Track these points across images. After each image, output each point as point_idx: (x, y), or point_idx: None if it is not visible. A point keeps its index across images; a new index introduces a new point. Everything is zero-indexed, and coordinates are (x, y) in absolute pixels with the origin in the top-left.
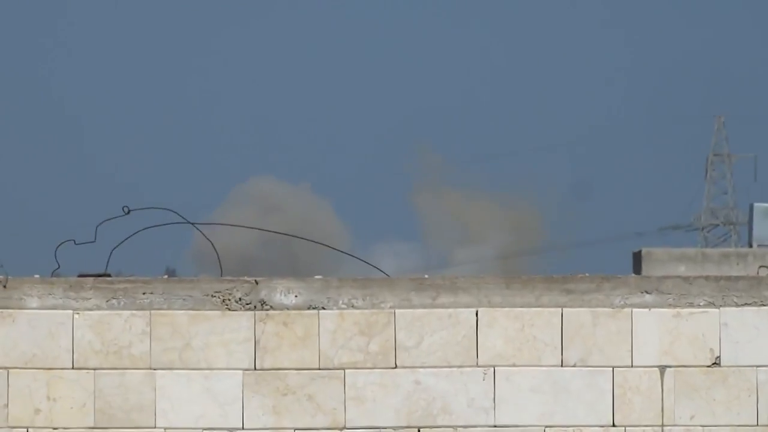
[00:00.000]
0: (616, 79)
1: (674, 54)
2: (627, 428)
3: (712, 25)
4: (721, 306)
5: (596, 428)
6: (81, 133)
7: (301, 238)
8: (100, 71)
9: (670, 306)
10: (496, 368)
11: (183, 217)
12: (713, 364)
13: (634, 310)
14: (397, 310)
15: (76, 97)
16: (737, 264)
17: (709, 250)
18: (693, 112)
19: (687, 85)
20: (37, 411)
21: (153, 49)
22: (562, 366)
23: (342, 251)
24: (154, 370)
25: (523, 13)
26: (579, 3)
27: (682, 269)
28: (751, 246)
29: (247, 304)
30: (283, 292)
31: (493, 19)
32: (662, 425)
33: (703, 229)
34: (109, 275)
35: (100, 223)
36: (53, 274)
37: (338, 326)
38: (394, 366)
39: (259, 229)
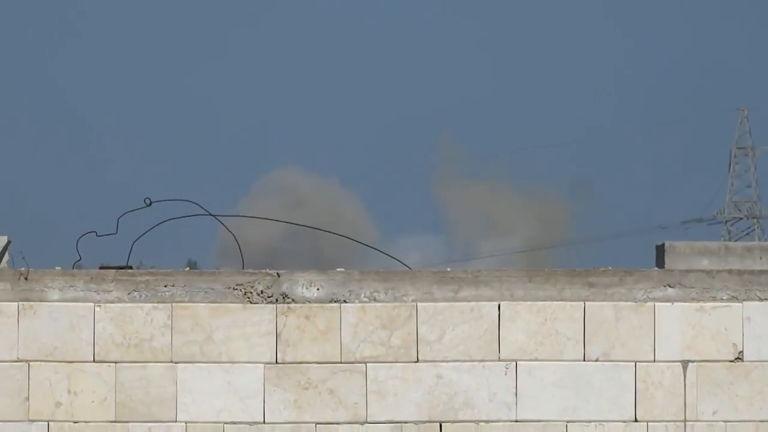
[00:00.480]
0: (639, 71)
1: (698, 46)
2: (649, 423)
3: (736, 17)
4: (744, 300)
5: (618, 423)
6: (103, 125)
7: (324, 231)
8: (121, 62)
9: (692, 300)
10: (518, 362)
11: (205, 209)
12: (736, 359)
13: (657, 304)
14: (419, 304)
15: (97, 91)
16: (760, 258)
17: (732, 244)
18: (716, 104)
19: (711, 78)
20: (58, 404)
21: (174, 38)
22: (584, 360)
23: (364, 243)
24: (176, 363)
25: (546, 2)
26: None
27: (705, 263)
28: None
29: (269, 297)
30: (305, 285)
31: (515, 11)
32: (685, 420)
33: (726, 222)
34: (130, 267)
35: (122, 215)
36: (75, 266)
37: (360, 320)
38: (416, 360)
39: (278, 220)
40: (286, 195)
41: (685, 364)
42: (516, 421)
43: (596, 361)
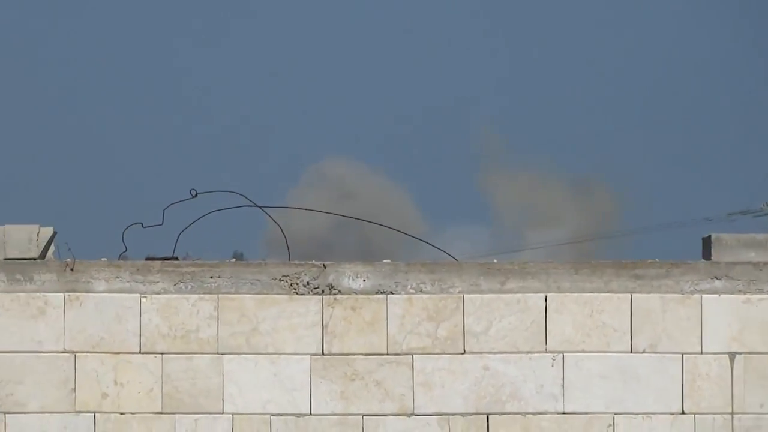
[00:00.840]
0: (682, 62)
1: (743, 36)
2: (696, 415)
3: None
4: None
5: (665, 415)
6: (149, 115)
7: (370, 222)
8: (165, 53)
9: (739, 292)
10: (564, 354)
11: (251, 201)
12: None
13: (704, 296)
14: (465, 295)
15: (141, 82)
16: None
17: None
18: (763, 94)
19: (757, 67)
20: (105, 395)
21: (218, 30)
22: (631, 352)
23: (409, 234)
24: (222, 354)
25: None
26: None
27: (751, 255)
28: None
29: (315, 288)
30: (351, 277)
31: None
32: (732, 413)
33: None
34: (176, 259)
35: (168, 206)
36: (120, 257)
37: (406, 311)
38: (462, 351)
39: (324, 212)
40: (333, 186)
41: (732, 356)
42: (563, 413)
43: (643, 353)
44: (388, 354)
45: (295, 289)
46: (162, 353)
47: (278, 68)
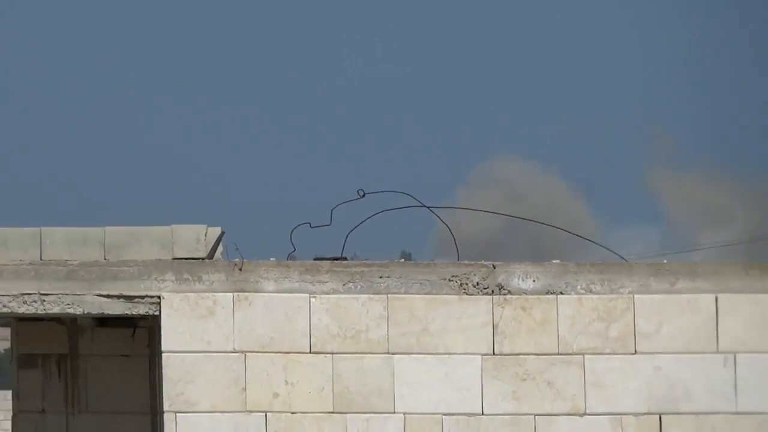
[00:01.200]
0: None
1: None
2: None
3: None
4: None
5: None
6: (317, 113)
7: (538, 222)
8: (332, 49)
9: None
10: (737, 355)
11: (419, 201)
12: None
13: None
14: (635, 296)
15: (306, 79)
16: None
17: None
18: None
19: None
20: (276, 395)
21: (383, 29)
22: None
23: (577, 235)
24: (392, 354)
25: None
26: None
27: None
28: None
29: (485, 288)
30: (521, 277)
31: None
32: None
33: None
34: (345, 259)
35: (336, 207)
36: (289, 257)
37: (576, 311)
38: (633, 352)
39: (491, 212)
40: (503, 185)
41: None
42: (737, 414)
43: None
44: (559, 354)
45: (464, 289)
46: (332, 353)
47: (447, 67)
